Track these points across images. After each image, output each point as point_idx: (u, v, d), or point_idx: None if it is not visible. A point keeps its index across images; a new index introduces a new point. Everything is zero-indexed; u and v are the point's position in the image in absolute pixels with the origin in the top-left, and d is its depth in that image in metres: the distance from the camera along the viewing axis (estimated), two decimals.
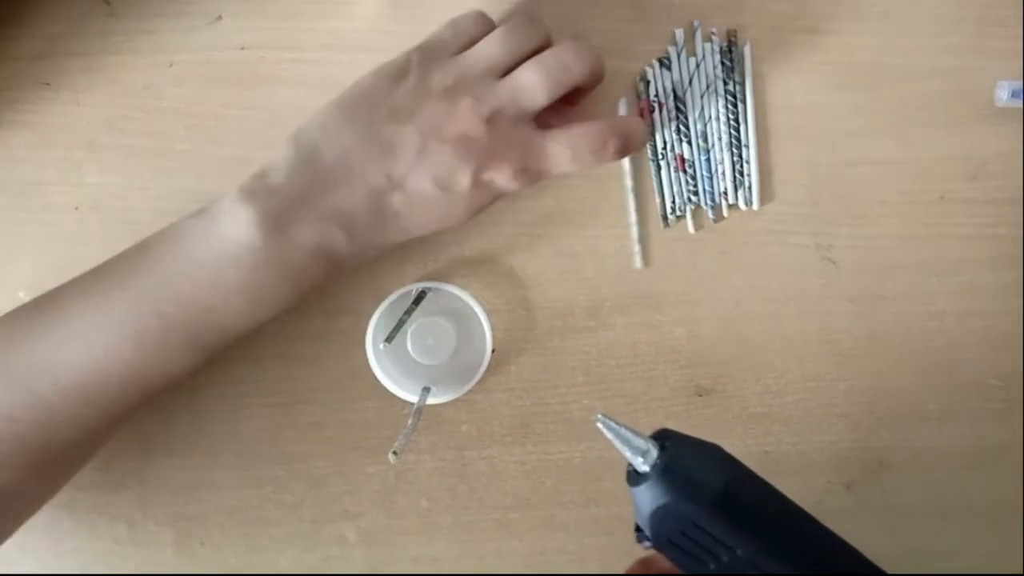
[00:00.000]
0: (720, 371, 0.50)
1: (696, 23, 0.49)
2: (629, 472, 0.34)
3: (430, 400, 0.47)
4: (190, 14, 0.47)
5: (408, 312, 0.48)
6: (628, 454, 0.33)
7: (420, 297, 0.48)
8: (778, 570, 0.33)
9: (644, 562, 0.39)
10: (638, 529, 0.34)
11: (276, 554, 0.50)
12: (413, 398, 0.47)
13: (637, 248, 0.48)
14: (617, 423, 0.34)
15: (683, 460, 0.33)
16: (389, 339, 0.47)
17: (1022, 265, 0.51)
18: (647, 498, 0.33)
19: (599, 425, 0.34)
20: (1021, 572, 0.51)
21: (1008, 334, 0.51)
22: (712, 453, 0.34)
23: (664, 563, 0.37)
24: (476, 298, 0.47)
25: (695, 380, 0.50)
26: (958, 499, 0.51)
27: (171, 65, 0.48)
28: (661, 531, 0.33)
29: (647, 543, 0.34)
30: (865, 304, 0.51)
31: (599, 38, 0.49)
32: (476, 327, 0.48)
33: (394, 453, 0.44)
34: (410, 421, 0.46)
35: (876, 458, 0.51)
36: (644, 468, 0.33)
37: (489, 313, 0.47)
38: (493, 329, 0.47)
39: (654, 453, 0.33)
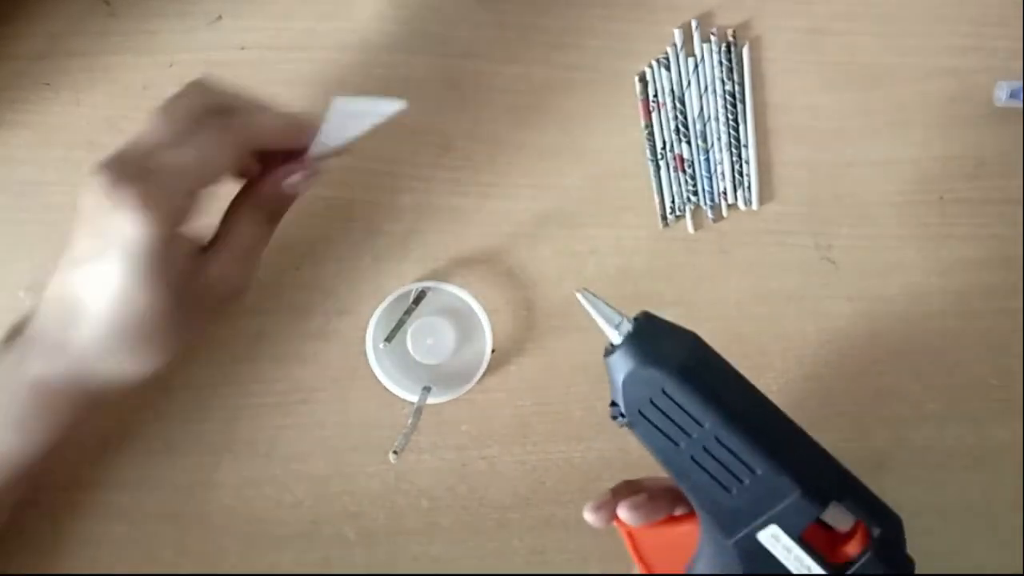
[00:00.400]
0: None
1: (695, 23, 0.49)
2: (606, 347, 0.35)
3: (430, 400, 0.47)
4: (190, 14, 0.48)
5: (408, 312, 0.48)
6: (603, 325, 0.35)
7: (420, 297, 0.48)
8: (744, 448, 0.33)
9: (628, 482, 0.40)
10: (613, 404, 0.35)
11: (276, 554, 0.50)
12: (413, 398, 0.47)
13: None
14: (596, 296, 0.35)
15: (654, 332, 0.35)
16: (389, 339, 0.47)
17: (1022, 265, 0.51)
18: (619, 366, 0.34)
19: (579, 296, 0.35)
20: (1021, 572, 0.51)
21: (1008, 334, 0.51)
22: (685, 333, 0.35)
23: (646, 481, 0.39)
24: (476, 298, 0.47)
25: None
26: (958, 499, 0.51)
27: (171, 65, 0.48)
28: (632, 401, 0.34)
29: (621, 419, 0.35)
30: (865, 304, 0.50)
31: (599, 38, 0.49)
32: (476, 327, 0.48)
33: (394, 453, 0.44)
34: (410, 421, 0.46)
35: (876, 458, 0.51)
36: (617, 339, 0.35)
37: (489, 313, 0.47)
38: (493, 329, 0.47)
39: (628, 326, 0.35)
